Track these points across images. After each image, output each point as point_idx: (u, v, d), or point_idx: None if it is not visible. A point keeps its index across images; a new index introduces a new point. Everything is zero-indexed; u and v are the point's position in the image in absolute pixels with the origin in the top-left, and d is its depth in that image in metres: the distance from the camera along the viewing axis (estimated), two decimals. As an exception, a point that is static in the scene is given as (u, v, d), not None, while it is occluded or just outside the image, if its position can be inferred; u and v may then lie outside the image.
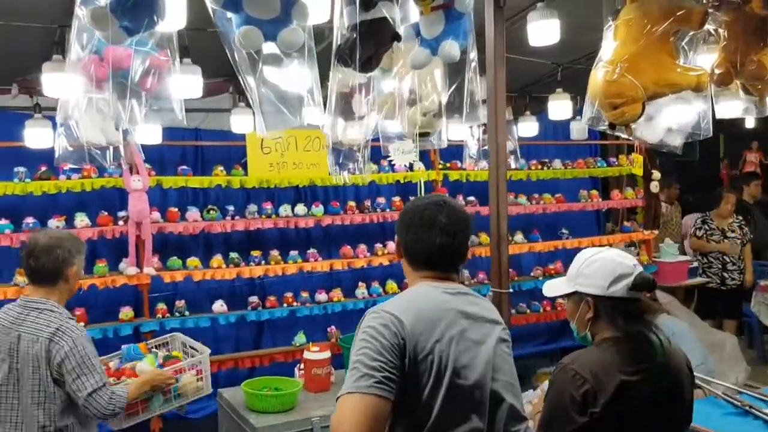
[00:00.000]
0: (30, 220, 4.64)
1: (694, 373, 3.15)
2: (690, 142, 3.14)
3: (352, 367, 1.79)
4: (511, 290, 3.52)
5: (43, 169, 4.70)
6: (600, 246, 3.72)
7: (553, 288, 2.31)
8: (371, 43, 2.26)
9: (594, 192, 6.86)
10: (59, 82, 3.33)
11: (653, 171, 6.83)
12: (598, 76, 2.78)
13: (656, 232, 6.95)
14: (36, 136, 4.24)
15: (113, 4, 1.96)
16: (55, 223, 4.69)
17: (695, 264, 6.90)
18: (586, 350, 2.17)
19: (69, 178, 4.76)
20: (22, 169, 4.65)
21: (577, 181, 6.94)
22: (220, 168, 5.31)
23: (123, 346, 3.50)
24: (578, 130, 5.80)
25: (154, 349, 3.62)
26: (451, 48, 2.35)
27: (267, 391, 3.55)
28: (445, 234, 1.97)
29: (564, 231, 6.65)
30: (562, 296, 2.26)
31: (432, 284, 1.99)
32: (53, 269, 2.75)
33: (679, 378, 2.16)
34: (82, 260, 2.87)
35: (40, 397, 2.68)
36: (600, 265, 2.13)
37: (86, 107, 2.37)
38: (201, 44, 3.59)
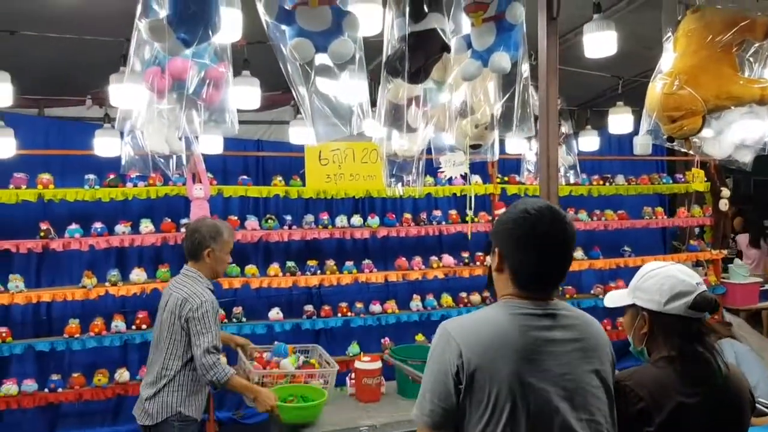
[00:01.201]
0: (98, 225, 4.86)
1: (761, 399, 3.00)
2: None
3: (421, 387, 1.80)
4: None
5: (112, 176, 4.92)
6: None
7: (613, 299, 2.24)
8: (420, 54, 2.27)
9: (659, 209, 6.66)
10: (125, 92, 3.48)
11: (722, 188, 6.57)
12: (656, 88, 2.72)
13: (725, 251, 6.68)
14: (105, 145, 4.44)
15: (170, 16, 2.04)
16: (122, 228, 4.89)
17: (768, 286, 6.60)
18: (643, 367, 2.10)
19: (135, 185, 4.97)
20: (92, 176, 4.89)
21: (641, 198, 6.76)
22: (279, 178, 5.42)
23: (276, 342, 3.91)
24: (642, 145, 5.65)
25: (297, 353, 3.95)
26: (501, 59, 2.33)
27: (292, 399, 3.42)
28: (559, 253, 1.79)
29: (626, 248, 6.48)
30: (621, 308, 2.20)
31: (519, 305, 1.79)
32: (191, 249, 3.34)
33: (739, 403, 2.06)
34: (219, 245, 3.33)
35: (166, 345, 3.21)
36: (658, 280, 2.06)
37: (150, 117, 2.46)
38: (263, 57, 3.67)
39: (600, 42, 3.28)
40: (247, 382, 3.34)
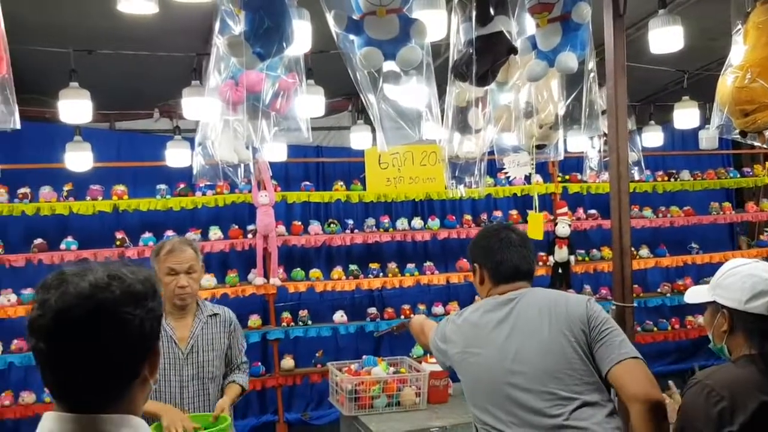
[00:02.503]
0: (170, 233, 5.02)
1: None
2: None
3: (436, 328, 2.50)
4: (635, 305, 3.40)
5: (182, 186, 5.11)
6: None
7: (694, 294, 2.22)
8: (488, 57, 2.30)
9: (726, 204, 6.48)
10: (197, 105, 3.61)
11: (794, 181, 6.35)
12: (727, 82, 2.65)
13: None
14: (176, 155, 4.61)
15: (247, 32, 2.13)
16: (192, 235, 5.06)
17: None
18: (723, 366, 2.06)
19: (204, 194, 5.14)
20: (163, 186, 5.09)
21: (707, 193, 6.59)
22: (340, 183, 5.51)
23: (364, 357, 3.94)
24: (707, 140, 5.50)
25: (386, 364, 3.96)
26: (568, 59, 2.33)
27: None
28: (520, 248, 2.32)
29: (693, 245, 6.32)
30: (693, 306, 2.17)
31: (492, 298, 2.28)
32: None
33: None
34: (157, 265, 2.86)
35: None
36: (740, 278, 2.01)
37: (222, 128, 2.56)
38: (322, 65, 3.77)
39: (666, 37, 3.23)
40: (158, 404, 2.65)
